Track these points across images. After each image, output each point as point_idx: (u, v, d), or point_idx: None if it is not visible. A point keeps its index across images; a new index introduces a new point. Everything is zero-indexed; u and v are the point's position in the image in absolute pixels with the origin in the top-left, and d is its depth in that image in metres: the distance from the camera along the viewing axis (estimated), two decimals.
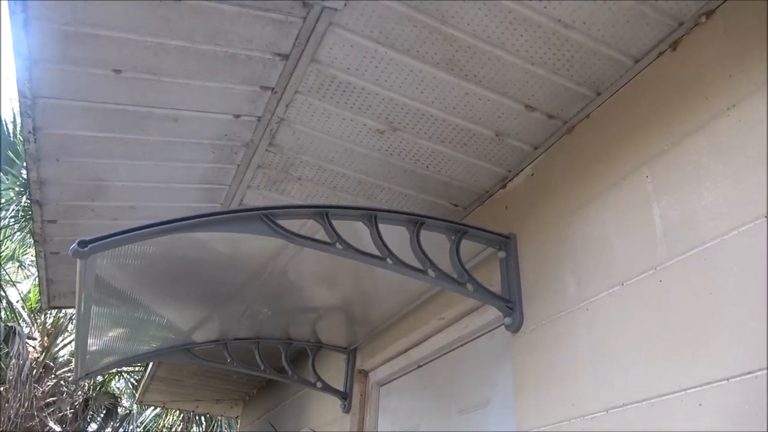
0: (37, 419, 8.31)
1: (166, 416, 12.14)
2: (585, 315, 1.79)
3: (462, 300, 2.49)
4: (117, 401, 12.40)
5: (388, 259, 1.99)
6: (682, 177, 1.59)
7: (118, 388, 13.74)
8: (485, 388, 2.37)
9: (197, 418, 12.12)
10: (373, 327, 3.23)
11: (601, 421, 1.62)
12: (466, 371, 2.53)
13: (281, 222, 1.87)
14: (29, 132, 1.92)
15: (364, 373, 3.40)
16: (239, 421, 6.05)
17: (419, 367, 2.93)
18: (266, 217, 1.84)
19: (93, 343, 2.55)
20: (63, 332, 9.19)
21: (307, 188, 2.53)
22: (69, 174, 2.21)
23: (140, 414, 13.08)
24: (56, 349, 9.22)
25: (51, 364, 9.03)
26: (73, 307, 3.65)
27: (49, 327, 8.76)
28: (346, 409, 3.30)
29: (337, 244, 1.93)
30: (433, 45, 1.82)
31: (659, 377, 1.49)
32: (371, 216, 2.02)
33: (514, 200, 2.34)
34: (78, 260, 1.60)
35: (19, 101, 1.80)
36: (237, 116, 2.12)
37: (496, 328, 2.37)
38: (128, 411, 13.28)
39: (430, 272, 2.03)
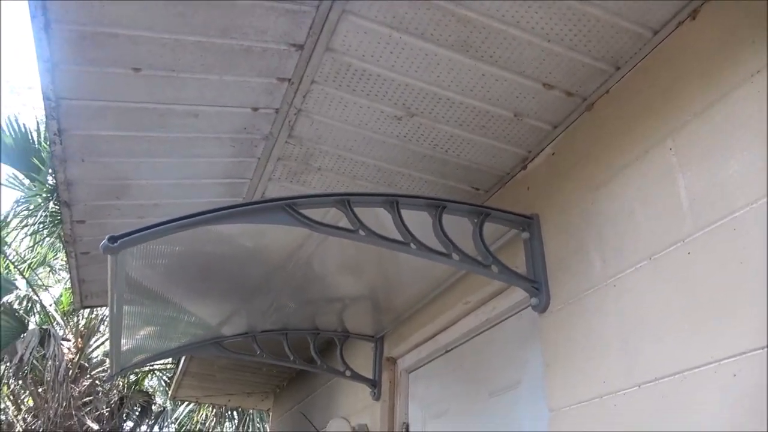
0: (75, 418, 8.52)
1: (200, 412, 12.35)
2: (612, 291, 1.78)
3: (487, 283, 2.49)
4: (151, 399, 12.67)
5: (412, 244, 1.99)
6: (707, 147, 1.56)
7: (152, 386, 14.03)
8: (515, 369, 2.37)
9: (229, 413, 12.34)
10: (399, 314, 3.24)
11: (633, 397, 1.61)
12: (495, 353, 2.53)
13: (304, 211, 1.88)
14: (54, 134, 1.96)
15: (392, 361, 3.42)
16: (270, 414, 6.14)
17: (447, 351, 2.94)
18: (289, 207, 1.86)
19: (126, 342, 2.60)
20: (95, 333, 9.40)
21: (327, 178, 2.55)
22: (94, 174, 2.25)
23: (174, 411, 13.37)
24: (89, 350, 9.44)
25: (85, 364, 9.25)
26: (104, 305, 3.73)
27: (81, 329, 8.96)
28: (377, 397, 3.32)
29: (360, 231, 1.94)
30: (447, 27, 1.81)
31: (691, 350, 1.47)
32: (393, 202, 2.02)
33: (536, 180, 2.32)
34: (109, 256, 1.64)
35: (44, 104, 1.84)
36: (255, 109, 2.14)
37: (524, 309, 2.36)
38: (162, 408, 13.57)
39: (455, 256, 2.03)
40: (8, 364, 7.52)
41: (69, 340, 8.62)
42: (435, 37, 1.85)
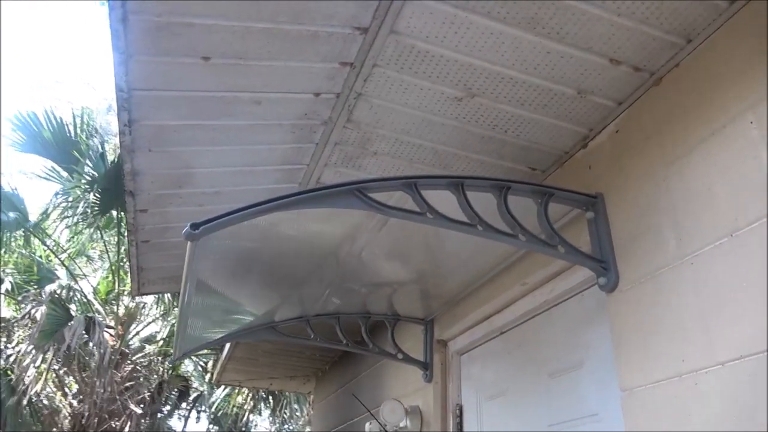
0: (118, 402, 8.77)
1: (236, 395, 12.62)
2: (689, 269, 1.75)
3: (545, 264, 2.48)
4: (188, 383, 12.98)
5: (479, 226, 1.99)
6: None
7: (189, 372, 14.37)
8: (576, 350, 2.36)
9: (265, 396, 12.58)
10: (449, 297, 3.26)
11: (717, 375, 1.60)
12: (555, 334, 2.53)
13: (372, 195, 1.89)
14: (125, 125, 2.00)
15: (443, 343, 3.44)
16: (312, 396, 6.24)
17: (501, 333, 2.94)
18: (359, 191, 1.87)
19: (189, 325, 2.66)
20: (135, 320, 9.64)
21: (383, 162, 2.55)
22: (160, 163, 2.29)
23: (210, 395, 13.68)
24: (129, 336, 9.67)
25: (126, 351, 9.49)
26: (160, 293, 3.82)
27: (122, 316, 9.18)
28: (428, 379, 3.35)
29: (428, 214, 1.94)
30: (514, 4, 1.79)
31: None
32: (458, 184, 2.02)
33: (598, 159, 2.29)
34: (189, 242, 1.67)
35: (116, 95, 1.88)
36: (317, 95, 2.14)
37: (585, 289, 2.36)
38: (199, 393, 13.90)
39: (521, 236, 2.02)
40: (56, 350, 7.75)
41: (112, 327, 8.84)
42: (502, 15, 1.83)
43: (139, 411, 9.38)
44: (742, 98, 1.69)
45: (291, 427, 13.99)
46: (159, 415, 11.32)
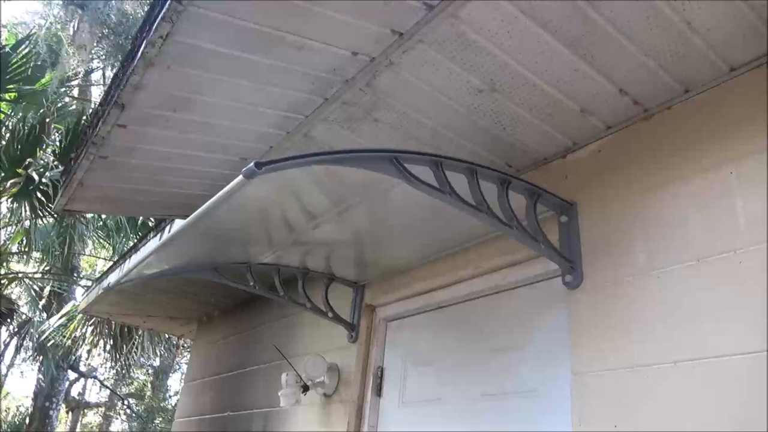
0: None
1: (76, 328, 11.66)
2: (656, 281, 2.09)
3: (503, 254, 2.75)
4: (14, 306, 11.74)
5: (486, 213, 2.17)
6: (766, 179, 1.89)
7: (16, 295, 13.00)
8: (523, 333, 2.65)
9: (108, 331, 11.76)
10: (388, 268, 3.43)
11: (668, 371, 1.95)
12: (502, 316, 2.80)
13: (406, 165, 1.98)
14: (160, 37, 1.85)
15: (372, 308, 3.60)
16: (190, 340, 6.08)
17: (440, 308, 3.18)
18: (395, 160, 1.95)
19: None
20: None
21: (380, 131, 2.61)
22: (170, 82, 2.14)
23: (41, 324, 12.48)
24: None
25: None
26: (87, 212, 3.48)
27: None
28: (353, 339, 3.51)
29: (449, 195, 2.08)
30: (570, 23, 1.96)
31: (729, 340, 1.82)
32: (473, 171, 2.17)
33: (575, 171, 2.58)
34: (241, 176, 1.64)
35: (168, 4, 1.74)
36: (354, 54, 2.15)
37: (540, 282, 2.65)
38: (28, 318, 12.66)
39: (515, 227, 2.25)
40: None
41: None
42: (555, 29, 1.99)
43: None
44: (726, 150, 2.04)
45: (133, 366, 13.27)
46: None
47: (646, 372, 2.01)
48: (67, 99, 12.32)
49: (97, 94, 14.91)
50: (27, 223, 8.76)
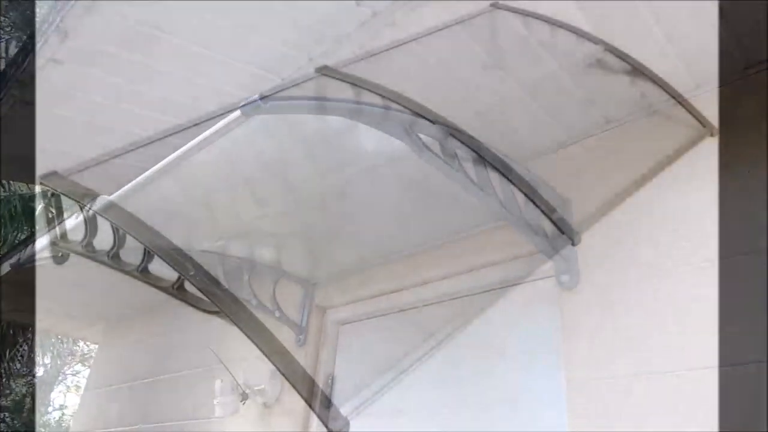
0: None
1: None
2: (665, 281, 1.94)
3: (476, 252, 2.55)
4: None
5: (492, 196, 1.95)
6: None
7: None
8: (500, 338, 2.44)
9: None
10: (343, 267, 3.14)
11: (668, 380, 1.79)
12: (476, 321, 2.58)
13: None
14: None
15: (323, 310, 3.27)
16: (99, 344, 5.40)
17: (402, 311, 2.91)
18: (410, 127, 1.70)
19: None
20: None
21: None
22: (135, 12, 1.74)
23: None
24: None
25: None
26: None
27: None
28: (302, 343, 3.15)
29: (458, 171, 1.84)
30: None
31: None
32: (483, 162, 1.96)
33: (566, 167, 2.42)
34: (239, 111, 1.32)
35: None
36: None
37: (520, 284, 2.45)
38: None
39: (518, 217, 2.04)
40: None
41: None
42: None
43: None
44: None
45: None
46: None
47: (647, 379, 1.85)
48: None
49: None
50: None
